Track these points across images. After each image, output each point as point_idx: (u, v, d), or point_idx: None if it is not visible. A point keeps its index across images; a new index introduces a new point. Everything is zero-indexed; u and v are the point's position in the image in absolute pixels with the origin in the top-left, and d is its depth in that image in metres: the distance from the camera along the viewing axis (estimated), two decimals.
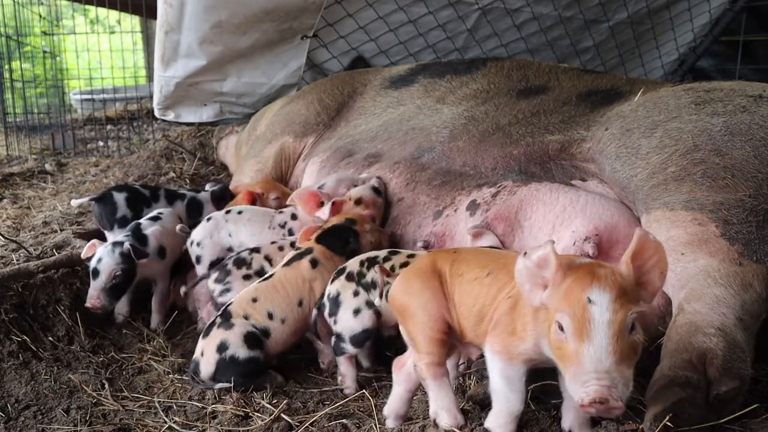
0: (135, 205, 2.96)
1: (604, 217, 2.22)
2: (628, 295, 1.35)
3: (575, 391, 1.33)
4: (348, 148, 3.19)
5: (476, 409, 1.80)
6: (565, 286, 1.38)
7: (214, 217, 2.73)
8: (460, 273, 1.68)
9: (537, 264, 1.41)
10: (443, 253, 1.81)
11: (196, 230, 2.69)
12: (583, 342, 1.32)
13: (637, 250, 1.40)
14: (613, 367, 1.30)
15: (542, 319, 1.45)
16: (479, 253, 1.78)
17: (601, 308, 1.33)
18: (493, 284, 1.61)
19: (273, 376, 2.16)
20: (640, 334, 1.36)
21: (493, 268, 1.64)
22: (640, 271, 1.41)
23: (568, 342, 1.35)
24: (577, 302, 1.35)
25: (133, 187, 3.09)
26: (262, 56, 4.23)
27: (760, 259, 1.81)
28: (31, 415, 1.98)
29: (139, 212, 2.95)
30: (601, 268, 1.39)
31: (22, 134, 6.00)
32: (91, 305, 2.49)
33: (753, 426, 1.64)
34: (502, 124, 2.75)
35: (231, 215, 2.72)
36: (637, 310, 1.34)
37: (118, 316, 2.68)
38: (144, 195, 3.04)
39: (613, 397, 1.28)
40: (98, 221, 3.03)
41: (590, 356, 1.31)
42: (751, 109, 2.09)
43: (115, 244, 2.56)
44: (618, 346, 1.31)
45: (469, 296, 1.64)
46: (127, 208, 2.94)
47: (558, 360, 1.41)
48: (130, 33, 7.31)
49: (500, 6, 4.46)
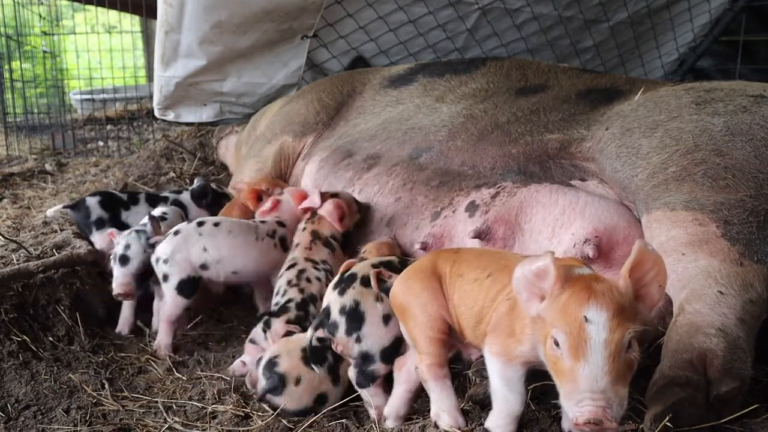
0: (110, 207, 2.99)
1: (603, 218, 2.21)
2: (625, 313, 1.34)
3: (569, 409, 1.33)
4: (347, 147, 3.19)
5: (476, 409, 1.80)
6: (562, 301, 1.36)
7: (183, 230, 2.46)
8: (461, 273, 1.68)
9: (535, 274, 1.40)
10: (444, 253, 1.81)
11: (161, 245, 2.44)
12: (578, 361, 1.31)
13: (636, 263, 1.39)
14: (608, 387, 1.29)
15: (539, 327, 1.44)
16: (481, 254, 1.78)
17: (597, 327, 1.31)
18: (492, 286, 1.60)
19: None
20: (636, 352, 1.34)
21: (494, 269, 1.63)
22: (638, 284, 1.39)
23: (563, 359, 1.34)
24: (573, 320, 1.33)
25: (109, 191, 3.13)
26: (262, 56, 4.23)
27: (761, 259, 1.81)
28: (31, 415, 1.97)
29: (117, 214, 2.99)
30: (599, 284, 1.37)
31: (22, 134, 6.00)
32: (123, 291, 2.49)
33: (753, 426, 1.64)
34: (500, 123, 2.74)
35: (205, 227, 2.47)
36: (635, 329, 1.33)
37: (123, 328, 2.64)
38: (121, 199, 3.06)
39: (608, 417, 1.28)
40: (78, 228, 3.08)
41: (585, 376, 1.30)
42: (752, 110, 2.09)
43: (138, 231, 2.57)
44: (614, 365, 1.30)
45: (469, 297, 1.64)
46: (102, 210, 2.97)
47: (553, 373, 1.40)
48: (130, 33, 7.30)
49: (500, 6, 4.46)
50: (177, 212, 2.90)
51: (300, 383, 1.90)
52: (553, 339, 1.36)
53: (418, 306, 1.69)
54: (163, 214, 2.81)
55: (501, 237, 2.32)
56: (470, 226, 2.39)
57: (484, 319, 1.60)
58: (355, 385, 1.87)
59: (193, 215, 3.06)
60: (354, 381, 1.86)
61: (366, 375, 1.83)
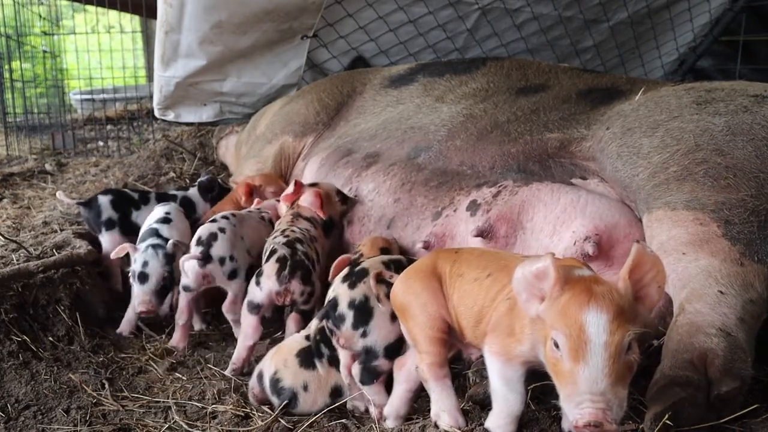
0: (121, 208, 2.99)
1: (604, 217, 2.21)
2: (625, 314, 1.34)
3: (569, 411, 1.33)
4: (347, 147, 3.19)
5: (476, 409, 1.80)
6: (562, 303, 1.36)
7: (224, 226, 2.49)
8: (461, 273, 1.68)
9: (535, 275, 1.40)
10: (445, 253, 1.81)
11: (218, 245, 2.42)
12: (578, 363, 1.31)
13: (635, 264, 1.39)
14: (608, 389, 1.29)
15: (539, 328, 1.44)
16: (481, 254, 1.78)
17: (597, 330, 1.31)
18: (492, 286, 1.61)
19: None
20: (636, 354, 1.35)
21: (494, 269, 1.63)
22: (637, 286, 1.40)
23: (563, 361, 1.34)
24: (573, 322, 1.33)
25: (121, 190, 3.12)
26: (262, 56, 4.23)
27: (762, 259, 1.81)
28: (31, 415, 1.97)
29: (127, 215, 2.98)
30: (599, 286, 1.37)
31: (22, 134, 5.99)
32: (146, 309, 2.48)
33: (753, 426, 1.64)
34: (500, 122, 2.74)
35: (235, 219, 2.56)
36: (634, 331, 1.33)
37: (125, 329, 2.63)
38: (132, 198, 3.05)
39: (608, 420, 1.28)
40: (87, 225, 3.08)
41: (586, 378, 1.30)
42: (753, 109, 2.09)
43: (155, 246, 2.55)
44: (614, 368, 1.30)
45: (469, 297, 1.64)
46: (113, 210, 2.95)
47: (553, 375, 1.40)
48: (130, 33, 7.31)
49: (500, 6, 4.46)
50: (179, 211, 2.89)
51: (309, 388, 1.93)
52: (552, 341, 1.36)
53: (419, 306, 1.69)
54: (166, 215, 2.78)
55: (503, 235, 2.32)
56: (472, 225, 2.39)
57: (483, 319, 1.60)
58: (357, 383, 1.87)
59: (200, 210, 3.12)
60: (357, 378, 1.86)
61: (370, 371, 1.84)
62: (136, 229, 2.87)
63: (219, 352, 2.47)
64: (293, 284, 2.24)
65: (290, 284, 2.23)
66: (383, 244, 2.43)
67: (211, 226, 2.47)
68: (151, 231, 2.67)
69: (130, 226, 2.96)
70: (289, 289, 2.24)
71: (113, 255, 2.58)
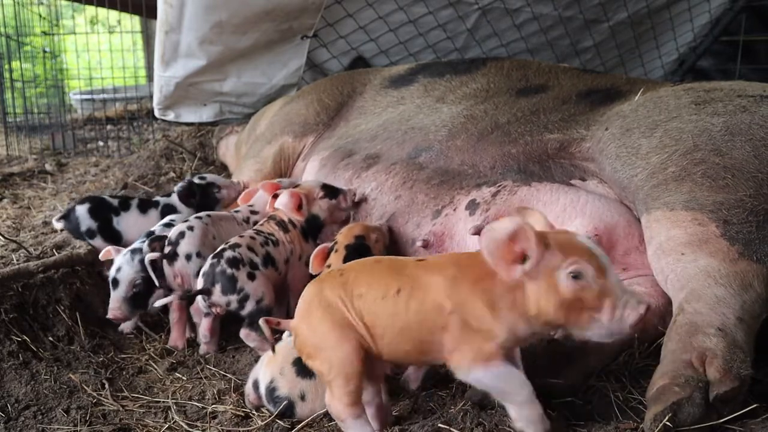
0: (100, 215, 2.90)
1: (603, 217, 2.22)
2: None
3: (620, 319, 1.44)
4: (348, 147, 3.19)
5: (476, 409, 1.80)
6: (558, 245, 1.47)
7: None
8: (360, 294, 1.61)
9: (510, 238, 1.45)
10: (327, 279, 1.70)
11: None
12: (605, 278, 1.46)
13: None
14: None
15: (520, 295, 1.48)
16: (369, 269, 1.69)
17: (600, 251, 1.49)
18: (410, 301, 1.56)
19: None
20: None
21: (402, 283, 1.58)
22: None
23: (591, 285, 1.44)
24: (582, 250, 1.47)
25: (99, 197, 3.01)
26: (262, 56, 4.23)
27: (761, 258, 1.81)
28: (31, 415, 1.98)
29: (108, 221, 2.89)
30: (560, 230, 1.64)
31: (22, 134, 5.99)
32: (113, 316, 2.44)
33: (753, 426, 1.64)
34: (500, 123, 2.75)
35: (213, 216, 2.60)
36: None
37: (126, 326, 2.61)
38: (111, 204, 2.94)
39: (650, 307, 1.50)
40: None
41: (617, 284, 1.48)
42: (752, 109, 2.09)
43: (133, 251, 2.48)
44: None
45: (384, 314, 1.58)
46: (91, 220, 2.88)
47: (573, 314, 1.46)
48: (130, 33, 7.30)
49: (500, 6, 4.46)
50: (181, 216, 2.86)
51: (306, 397, 1.89)
52: (569, 275, 1.44)
53: (330, 347, 1.59)
54: (171, 221, 2.72)
55: None
56: (471, 224, 2.39)
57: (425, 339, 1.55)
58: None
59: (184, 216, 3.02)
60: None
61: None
62: (118, 236, 2.84)
63: (219, 353, 2.47)
64: (215, 296, 2.24)
65: (212, 297, 2.25)
66: (360, 232, 2.38)
67: (181, 226, 2.48)
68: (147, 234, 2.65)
69: (112, 232, 2.88)
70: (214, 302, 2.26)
71: (101, 257, 2.55)
